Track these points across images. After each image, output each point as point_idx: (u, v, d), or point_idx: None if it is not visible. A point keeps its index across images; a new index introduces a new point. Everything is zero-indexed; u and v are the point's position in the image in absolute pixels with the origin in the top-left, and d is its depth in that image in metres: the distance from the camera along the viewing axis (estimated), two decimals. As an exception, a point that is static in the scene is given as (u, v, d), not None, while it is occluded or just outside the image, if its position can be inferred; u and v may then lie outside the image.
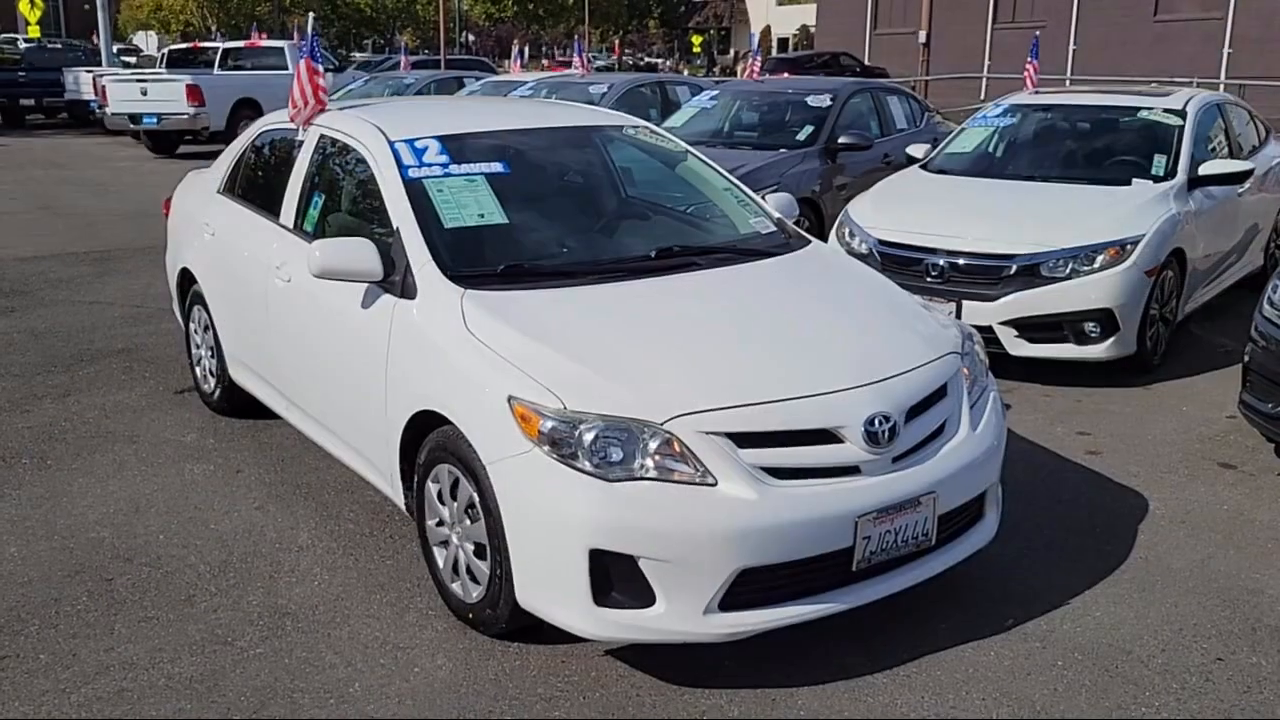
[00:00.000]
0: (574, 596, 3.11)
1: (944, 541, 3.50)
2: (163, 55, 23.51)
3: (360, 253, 3.80)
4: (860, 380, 3.35)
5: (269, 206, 4.85)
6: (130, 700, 3.20)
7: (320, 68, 4.70)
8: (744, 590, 3.11)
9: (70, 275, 8.93)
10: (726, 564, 3.04)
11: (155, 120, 18.42)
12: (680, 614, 3.08)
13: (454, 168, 4.12)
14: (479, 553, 3.42)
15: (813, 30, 41.01)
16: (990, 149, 7.68)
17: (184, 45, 25.23)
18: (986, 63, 31.22)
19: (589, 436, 3.08)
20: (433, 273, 3.72)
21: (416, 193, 3.99)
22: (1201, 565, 4.05)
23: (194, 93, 18.13)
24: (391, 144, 4.18)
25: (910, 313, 3.98)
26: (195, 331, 5.66)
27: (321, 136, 4.65)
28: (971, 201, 6.78)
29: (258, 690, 3.25)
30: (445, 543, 3.61)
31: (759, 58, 11.82)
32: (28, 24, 29.13)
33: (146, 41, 51.27)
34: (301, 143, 4.75)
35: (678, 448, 3.09)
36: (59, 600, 3.76)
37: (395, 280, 3.81)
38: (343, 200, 4.51)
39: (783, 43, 48.21)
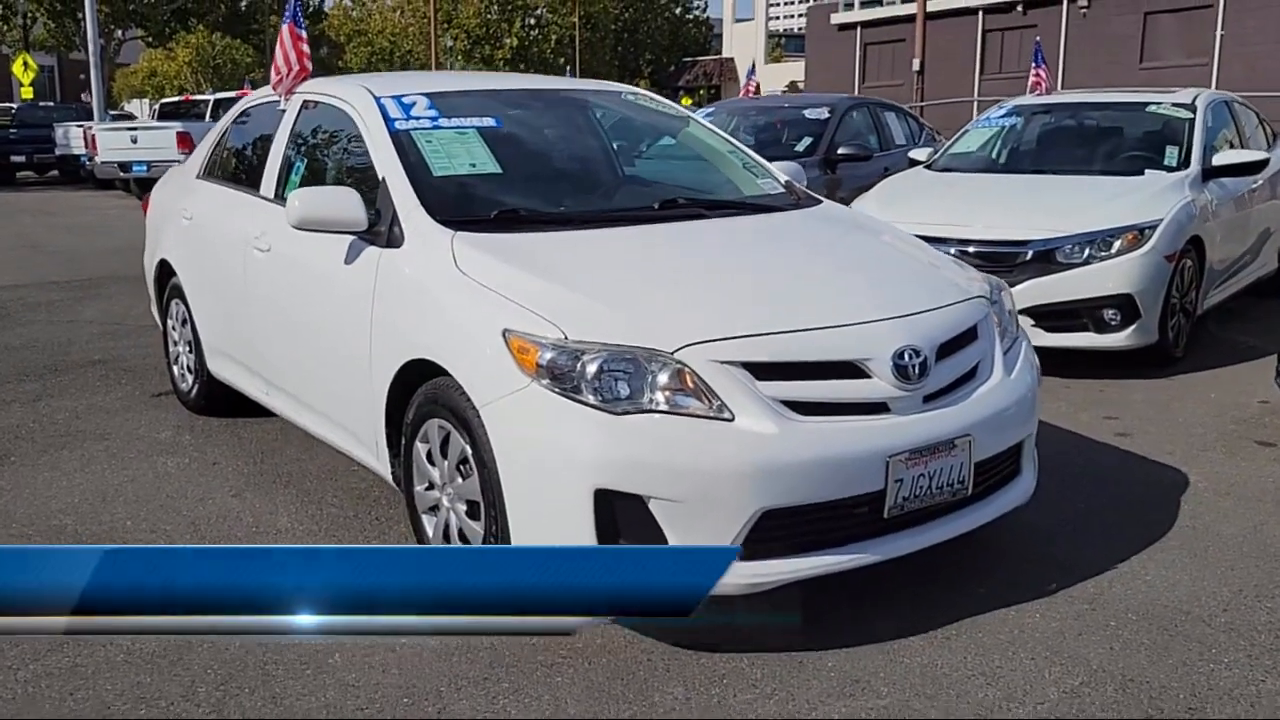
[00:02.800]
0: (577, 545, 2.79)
1: (980, 496, 3.21)
2: (154, 110, 23.43)
3: (342, 200, 3.54)
4: (888, 313, 3.08)
5: (249, 181, 4.59)
6: (84, 675, 2.87)
7: (303, 33, 4.48)
8: (767, 537, 2.80)
9: (50, 299, 8.65)
10: (746, 505, 2.74)
11: (145, 168, 18.17)
12: (696, 562, 2.76)
13: (444, 121, 3.88)
14: (471, 513, 3.11)
15: (801, 86, 41.37)
16: (995, 148, 7.48)
17: (175, 99, 25.19)
18: (975, 114, 31.42)
19: (592, 368, 2.80)
20: (421, 218, 3.45)
21: (403, 142, 3.74)
22: (1254, 531, 3.74)
23: (185, 140, 17.95)
24: (377, 99, 3.94)
25: (936, 259, 3.73)
26: (173, 328, 5.37)
27: (304, 102, 4.42)
28: (980, 193, 6.57)
29: (226, 663, 2.92)
30: (435, 508, 3.31)
31: (754, 78, 11.73)
32: (21, 85, 29.14)
33: (140, 109, 51.56)
34: (283, 112, 4.52)
35: (690, 380, 2.80)
36: (12, 582, 3.43)
37: (381, 230, 3.54)
38: (327, 165, 4.27)
39: (772, 100, 48.63)
